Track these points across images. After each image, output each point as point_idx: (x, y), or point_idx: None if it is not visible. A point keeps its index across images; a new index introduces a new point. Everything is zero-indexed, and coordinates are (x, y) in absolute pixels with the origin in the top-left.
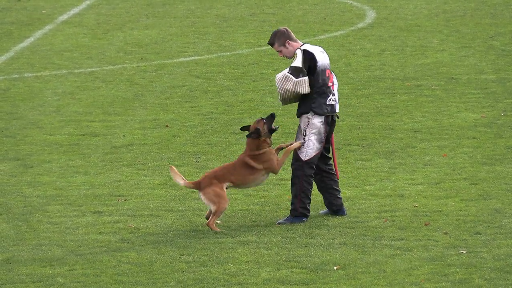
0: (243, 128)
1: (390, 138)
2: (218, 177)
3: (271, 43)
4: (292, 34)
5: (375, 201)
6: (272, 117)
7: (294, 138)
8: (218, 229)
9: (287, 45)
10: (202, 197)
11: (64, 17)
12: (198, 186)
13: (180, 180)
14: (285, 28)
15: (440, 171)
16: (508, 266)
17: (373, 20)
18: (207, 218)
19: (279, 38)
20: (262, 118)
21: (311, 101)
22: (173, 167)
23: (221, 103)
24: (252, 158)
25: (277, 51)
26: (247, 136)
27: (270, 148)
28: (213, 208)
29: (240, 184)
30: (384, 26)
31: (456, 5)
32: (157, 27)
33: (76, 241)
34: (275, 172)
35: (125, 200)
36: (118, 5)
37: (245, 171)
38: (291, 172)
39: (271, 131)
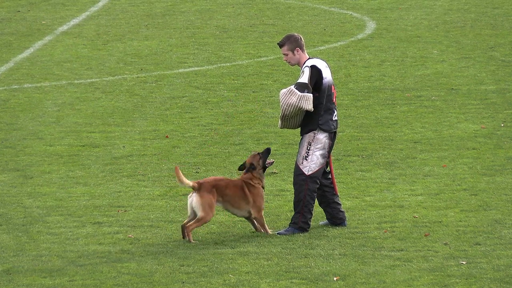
0: (240, 168)
1: (390, 149)
2: (217, 188)
3: (281, 44)
4: (304, 44)
5: (375, 212)
6: (267, 152)
7: (297, 153)
8: (193, 240)
9: (295, 52)
10: (195, 199)
11: (64, 28)
12: (198, 186)
13: (187, 181)
14: (299, 36)
15: (440, 182)
16: (508, 277)
17: (373, 31)
18: (183, 226)
19: (291, 43)
20: (258, 153)
21: (318, 118)
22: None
23: (221, 114)
24: (248, 186)
25: (284, 53)
26: (244, 172)
27: (262, 189)
28: (200, 215)
29: (228, 201)
30: (384, 37)
31: (456, 16)
32: (157, 38)
33: (76, 252)
34: (255, 213)
35: (125, 211)
36: (118, 16)
37: (239, 193)
38: (293, 186)
39: (265, 167)
